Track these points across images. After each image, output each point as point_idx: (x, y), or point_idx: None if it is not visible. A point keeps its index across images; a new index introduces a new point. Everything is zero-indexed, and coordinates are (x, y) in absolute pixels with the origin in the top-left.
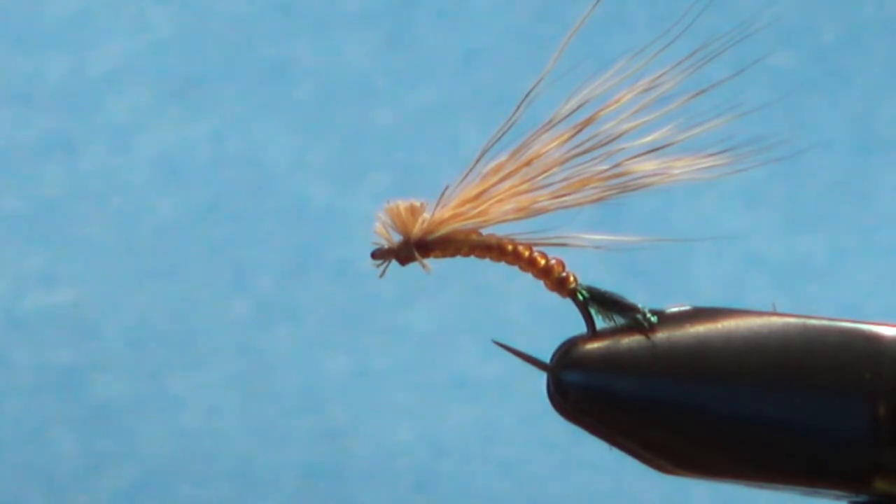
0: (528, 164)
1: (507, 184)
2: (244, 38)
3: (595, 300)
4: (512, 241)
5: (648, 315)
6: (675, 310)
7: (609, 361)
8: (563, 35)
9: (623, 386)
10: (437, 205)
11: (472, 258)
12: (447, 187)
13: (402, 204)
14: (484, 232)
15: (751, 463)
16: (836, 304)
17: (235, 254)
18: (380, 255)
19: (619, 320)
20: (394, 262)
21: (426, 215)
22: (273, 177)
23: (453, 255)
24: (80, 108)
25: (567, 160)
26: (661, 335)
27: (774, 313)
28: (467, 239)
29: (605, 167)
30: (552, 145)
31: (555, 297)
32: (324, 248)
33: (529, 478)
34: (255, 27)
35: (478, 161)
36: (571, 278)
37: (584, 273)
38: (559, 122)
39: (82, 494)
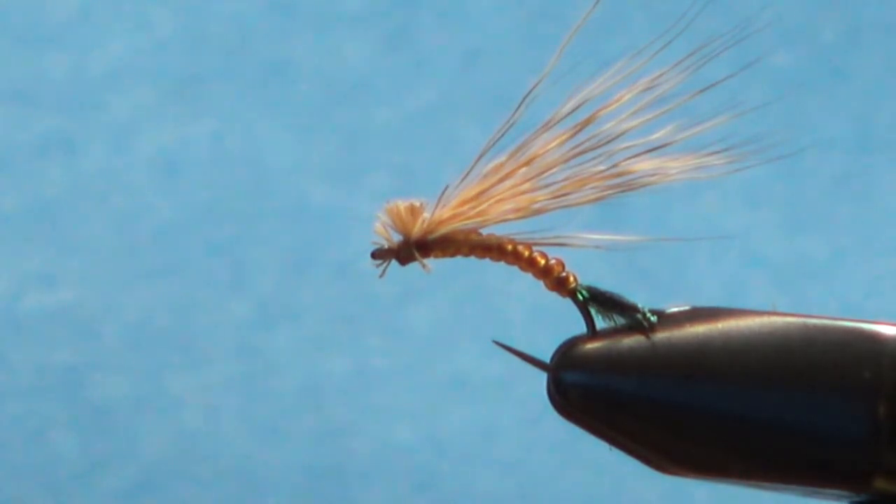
0: (527, 164)
1: (507, 184)
2: (244, 38)
3: (595, 300)
4: (512, 241)
5: (648, 315)
6: (675, 310)
7: (609, 361)
8: (563, 35)
9: (623, 386)
10: (437, 205)
11: (472, 258)
12: (447, 187)
13: (402, 204)
14: (484, 232)
15: (750, 462)
16: (836, 304)
17: (235, 254)
18: (380, 255)
19: (619, 320)
20: (394, 262)
21: (426, 215)
22: (273, 177)
23: (453, 255)
24: (80, 108)
25: (567, 160)
26: (661, 335)
27: (774, 313)
28: (467, 239)
29: (604, 167)
30: (552, 145)
31: (555, 297)
32: (324, 248)
33: (529, 478)
34: (255, 27)
35: (478, 161)
36: (571, 278)
37: (584, 273)
38: (559, 122)
39: (82, 494)
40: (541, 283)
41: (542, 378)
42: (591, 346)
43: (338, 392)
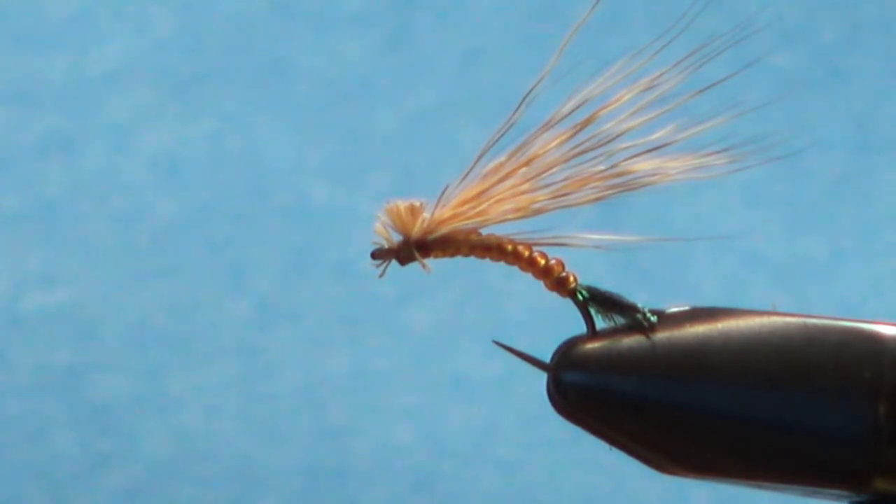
0: (527, 163)
1: (507, 184)
2: (244, 38)
3: (595, 300)
4: (512, 241)
5: (648, 315)
6: (674, 310)
7: (609, 361)
8: (563, 35)
9: (623, 386)
10: (436, 205)
11: (473, 258)
12: (447, 187)
13: (402, 204)
14: (484, 232)
15: (750, 462)
16: (837, 304)
17: (235, 254)
18: (380, 255)
19: (619, 320)
20: (394, 262)
21: (426, 215)
22: (273, 177)
23: (453, 255)
24: (80, 108)
25: (567, 160)
26: (661, 335)
27: (774, 313)
28: (467, 239)
29: (604, 167)
30: (552, 145)
31: (555, 297)
32: (324, 248)
33: (529, 478)
34: (255, 27)
35: (478, 161)
36: (571, 278)
37: (584, 273)
38: (559, 122)
39: (82, 494)
40: (541, 283)
41: (542, 378)
42: (591, 346)
43: (338, 392)
